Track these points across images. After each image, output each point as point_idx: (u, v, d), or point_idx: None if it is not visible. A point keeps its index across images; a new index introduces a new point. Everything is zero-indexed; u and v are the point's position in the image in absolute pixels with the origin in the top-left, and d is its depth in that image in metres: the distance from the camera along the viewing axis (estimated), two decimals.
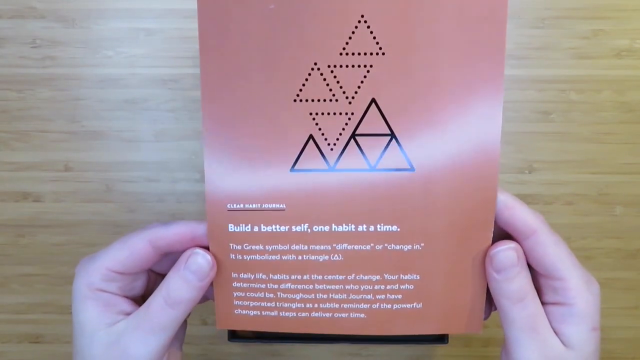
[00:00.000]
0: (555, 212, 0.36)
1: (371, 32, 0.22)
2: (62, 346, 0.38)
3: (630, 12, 0.34)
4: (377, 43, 0.22)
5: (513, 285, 0.23)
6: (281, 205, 0.24)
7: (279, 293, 0.25)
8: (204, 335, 0.38)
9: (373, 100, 0.23)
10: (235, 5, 0.22)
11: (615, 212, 0.36)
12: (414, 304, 0.25)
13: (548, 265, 0.23)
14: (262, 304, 0.25)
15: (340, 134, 0.23)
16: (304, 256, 0.24)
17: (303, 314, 0.25)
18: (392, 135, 0.23)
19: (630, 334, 0.37)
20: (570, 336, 0.23)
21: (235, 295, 0.25)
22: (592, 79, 0.35)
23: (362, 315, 0.25)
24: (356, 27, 0.22)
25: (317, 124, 0.23)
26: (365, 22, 0.22)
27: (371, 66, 0.22)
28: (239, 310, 0.25)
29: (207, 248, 0.24)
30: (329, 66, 0.23)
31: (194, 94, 0.36)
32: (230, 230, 0.24)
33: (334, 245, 0.24)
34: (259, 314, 0.25)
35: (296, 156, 0.23)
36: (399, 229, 0.24)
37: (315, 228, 0.24)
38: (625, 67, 0.35)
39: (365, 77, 0.23)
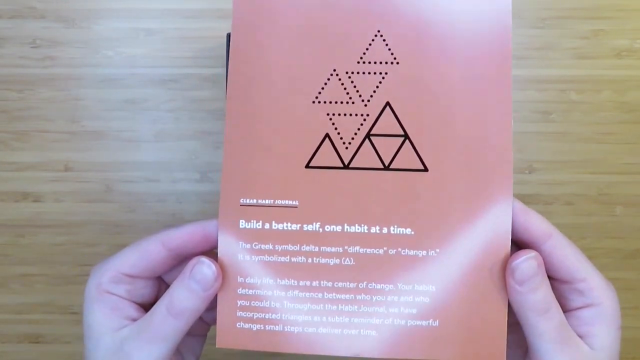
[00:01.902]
0: (555, 212, 0.36)
1: (386, 45, 0.24)
2: (62, 346, 0.38)
3: (630, 12, 0.34)
4: (392, 54, 0.24)
5: (537, 296, 0.22)
6: (294, 202, 0.24)
7: (285, 302, 0.24)
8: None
9: (387, 104, 0.24)
10: (266, 22, 0.24)
11: (615, 212, 0.36)
12: (430, 321, 0.24)
13: (570, 267, 0.23)
14: (267, 315, 0.24)
15: (356, 134, 0.24)
16: (314, 259, 0.24)
17: (309, 329, 0.24)
18: (406, 136, 0.24)
19: (630, 334, 0.37)
20: (600, 337, 0.23)
21: (239, 304, 0.24)
22: (592, 79, 0.35)
23: (374, 333, 0.24)
24: (373, 40, 0.24)
25: (333, 123, 0.24)
26: (382, 36, 0.24)
27: (386, 73, 0.24)
28: (241, 323, 0.24)
29: (215, 253, 0.24)
30: (346, 72, 0.24)
31: (194, 94, 0.36)
32: (241, 226, 0.24)
33: (346, 247, 0.24)
34: (262, 328, 0.24)
35: (312, 153, 0.24)
36: (413, 232, 0.23)
37: (327, 228, 0.24)
38: (625, 67, 0.35)
39: (380, 82, 0.24)
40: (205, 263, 0.23)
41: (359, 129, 0.24)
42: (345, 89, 0.24)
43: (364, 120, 0.24)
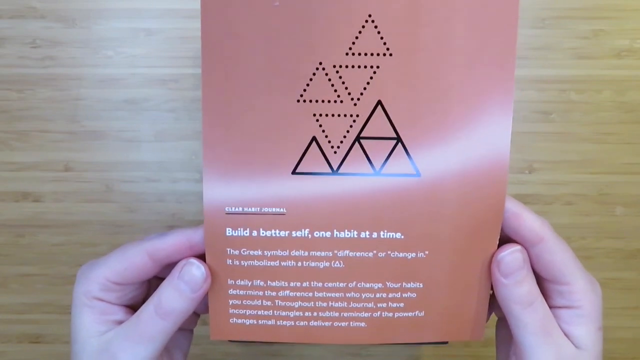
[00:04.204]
0: (555, 212, 0.36)
1: (378, 32, 0.22)
2: (62, 346, 0.38)
3: (630, 12, 0.34)
4: (385, 44, 0.22)
5: (522, 289, 0.22)
6: (281, 210, 0.23)
7: (276, 301, 0.24)
8: (204, 335, 0.38)
9: (379, 103, 0.22)
10: (239, 3, 0.21)
11: (615, 212, 0.36)
12: (416, 312, 0.24)
13: (555, 272, 0.23)
14: (259, 312, 0.24)
15: (345, 137, 0.23)
16: (304, 262, 0.24)
17: (301, 323, 0.24)
18: (398, 139, 0.23)
19: (630, 334, 0.37)
20: (580, 337, 0.23)
21: (231, 303, 0.24)
22: (592, 79, 0.35)
23: (363, 324, 0.25)
24: (363, 26, 0.22)
25: (320, 125, 0.22)
26: (373, 21, 0.21)
27: (378, 67, 0.22)
28: (234, 319, 0.24)
29: (204, 256, 0.24)
30: (334, 66, 0.22)
31: (194, 94, 0.36)
32: (227, 234, 0.23)
33: (335, 251, 0.23)
34: (255, 322, 0.24)
35: (298, 159, 0.23)
36: (403, 236, 0.23)
37: (316, 234, 0.23)
38: (625, 67, 0.35)
39: (371, 78, 0.22)
40: (194, 264, 0.23)
41: (348, 132, 0.23)
42: (332, 85, 0.22)
43: (354, 121, 0.22)
